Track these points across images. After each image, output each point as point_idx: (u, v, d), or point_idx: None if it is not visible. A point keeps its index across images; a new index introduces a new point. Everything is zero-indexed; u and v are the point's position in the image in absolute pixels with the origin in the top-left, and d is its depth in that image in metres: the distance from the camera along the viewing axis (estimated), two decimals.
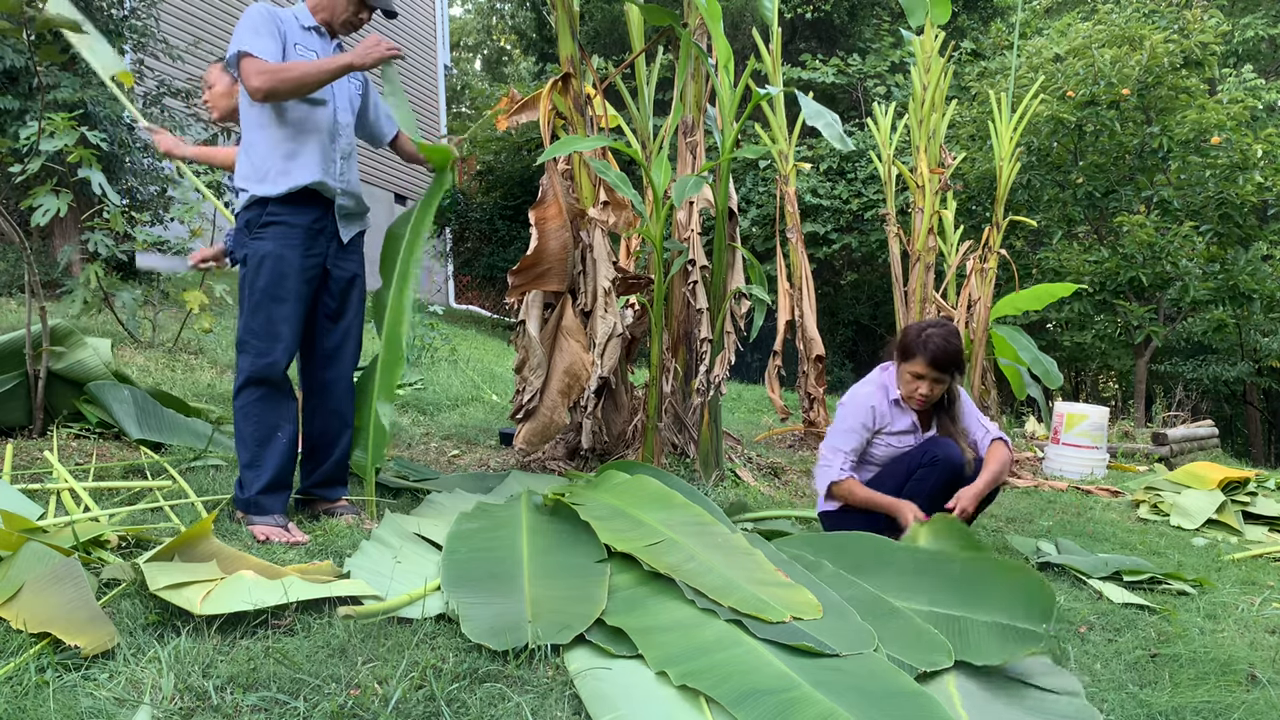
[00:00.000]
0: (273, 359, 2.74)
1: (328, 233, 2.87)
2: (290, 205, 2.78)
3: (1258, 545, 3.98)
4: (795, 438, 6.23)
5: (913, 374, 3.00)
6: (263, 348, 2.74)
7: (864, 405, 3.05)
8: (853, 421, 3.05)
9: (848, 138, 3.83)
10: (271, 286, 2.74)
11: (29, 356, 3.45)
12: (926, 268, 6.11)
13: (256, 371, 2.74)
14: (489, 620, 2.06)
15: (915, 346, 2.98)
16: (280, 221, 2.76)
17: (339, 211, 2.89)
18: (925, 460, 2.99)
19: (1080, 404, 6.20)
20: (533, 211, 3.85)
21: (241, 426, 2.77)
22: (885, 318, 12.60)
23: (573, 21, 3.97)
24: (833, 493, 3.03)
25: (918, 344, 2.98)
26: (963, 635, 2.13)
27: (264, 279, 2.74)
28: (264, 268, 2.74)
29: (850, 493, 3.00)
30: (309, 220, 2.81)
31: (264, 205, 2.76)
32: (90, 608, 1.87)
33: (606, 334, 3.85)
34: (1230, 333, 10.51)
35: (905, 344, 3.03)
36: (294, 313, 2.77)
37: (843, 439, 3.05)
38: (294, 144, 2.78)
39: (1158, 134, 9.69)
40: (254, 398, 2.75)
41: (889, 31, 13.89)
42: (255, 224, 2.77)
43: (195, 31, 9.94)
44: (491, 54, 27.84)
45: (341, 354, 2.97)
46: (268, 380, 2.74)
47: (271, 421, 2.77)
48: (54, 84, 6.23)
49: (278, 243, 2.75)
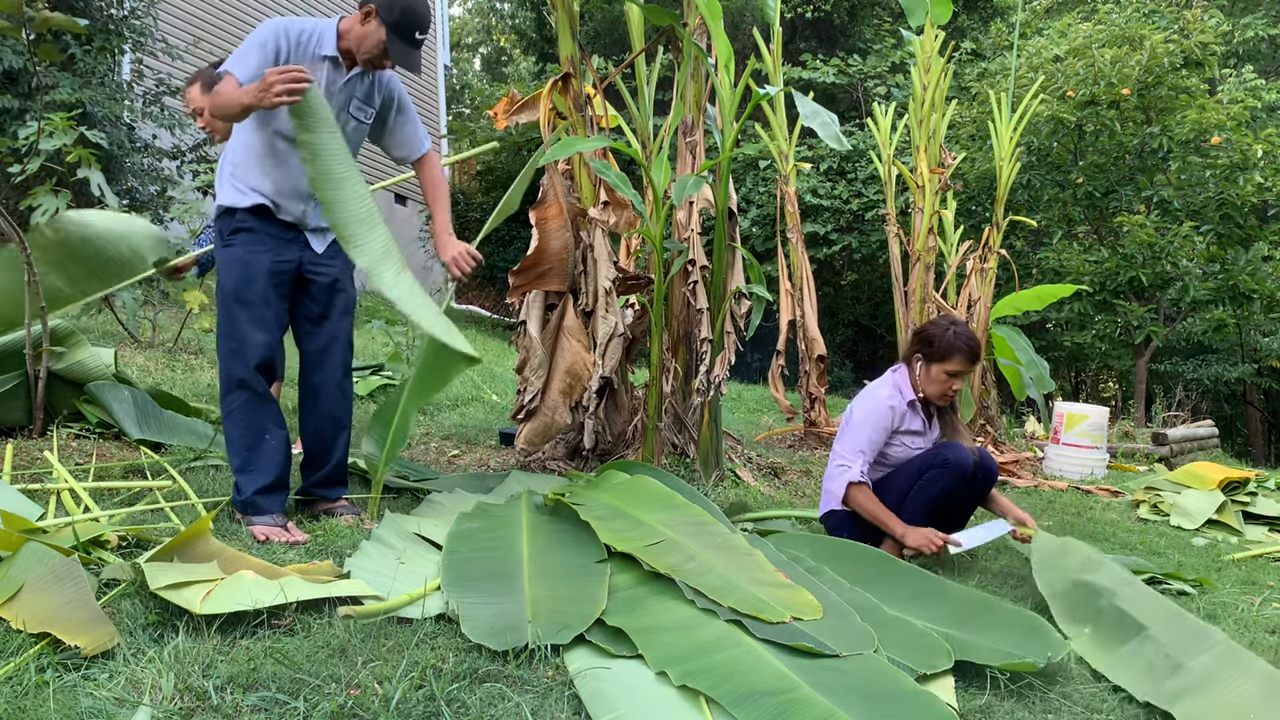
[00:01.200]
0: (245, 363, 2.73)
1: (299, 242, 2.86)
2: (258, 216, 2.77)
3: (1258, 545, 3.98)
4: (795, 438, 6.23)
5: (949, 373, 3.05)
6: (235, 350, 2.73)
7: (883, 407, 3.06)
8: (873, 423, 3.05)
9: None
10: (239, 291, 2.73)
11: (29, 357, 3.44)
12: (926, 268, 6.11)
13: (233, 375, 2.73)
14: (489, 620, 2.06)
15: (950, 347, 3.02)
16: (248, 229, 2.75)
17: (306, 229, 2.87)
18: (936, 462, 3.03)
19: (1080, 404, 6.20)
20: (533, 211, 3.85)
21: (230, 431, 2.77)
22: (885, 318, 12.60)
23: (573, 21, 3.96)
24: (850, 494, 3.00)
25: (953, 344, 3.02)
26: (962, 649, 2.12)
27: (231, 284, 2.74)
28: (232, 273, 2.74)
29: (864, 497, 2.98)
30: (278, 230, 2.80)
31: (233, 214, 2.76)
32: (90, 608, 1.87)
33: (608, 334, 3.85)
34: (1230, 333, 10.51)
35: (938, 346, 3.05)
36: (263, 317, 2.74)
37: (863, 440, 3.04)
38: (272, 162, 2.76)
39: (1158, 134, 9.69)
40: (237, 403, 2.74)
41: (889, 32, 13.89)
42: (226, 231, 2.78)
43: (194, 30, 9.94)
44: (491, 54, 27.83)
45: (328, 357, 2.94)
46: (246, 384, 2.74)
47: (258, 425, 2.75)
48: (52, 84, 6.23)
49: (246, 249, 2.74)
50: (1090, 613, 2.45)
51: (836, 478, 3.04)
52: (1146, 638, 2.26)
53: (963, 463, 3.01)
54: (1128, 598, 2.46)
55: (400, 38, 2.68)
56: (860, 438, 3.04)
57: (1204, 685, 2.03)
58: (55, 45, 3.55)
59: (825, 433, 6.05)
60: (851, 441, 3.05)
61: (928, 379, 3.10)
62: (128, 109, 7.30)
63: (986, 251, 6.26)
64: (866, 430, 3.05)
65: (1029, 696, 2.03)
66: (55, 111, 4.45)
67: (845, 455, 3.05)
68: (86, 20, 6.56)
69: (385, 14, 2.66)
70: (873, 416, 3.06)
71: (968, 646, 2.13)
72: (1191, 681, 2.06)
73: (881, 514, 2.94)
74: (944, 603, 2.41)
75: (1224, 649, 2.17)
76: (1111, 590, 2.50)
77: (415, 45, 2.72)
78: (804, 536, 3.05)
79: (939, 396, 3.10)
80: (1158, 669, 2.14)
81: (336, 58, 2.77)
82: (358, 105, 2.88)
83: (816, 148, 12.03)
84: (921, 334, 3.15)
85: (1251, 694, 1.97)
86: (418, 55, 2.75)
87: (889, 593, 2.45)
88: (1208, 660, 2.12)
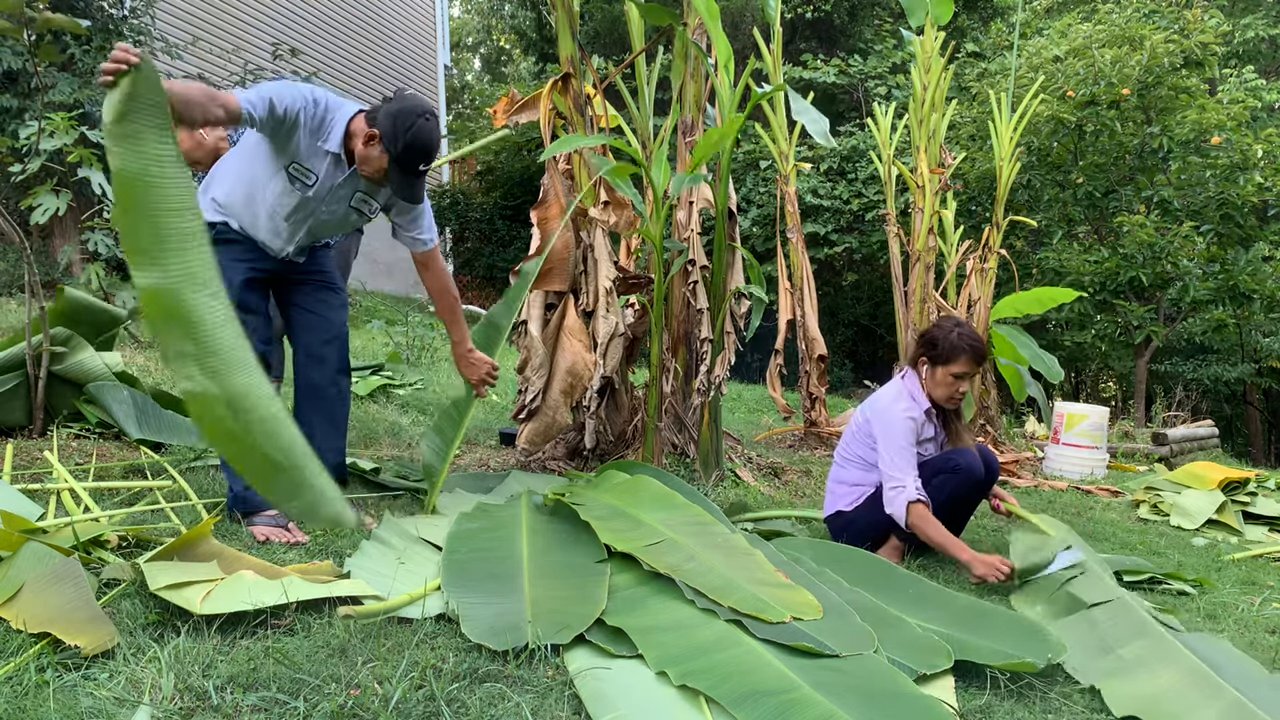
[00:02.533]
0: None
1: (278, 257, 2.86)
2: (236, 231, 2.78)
3: (1258, 545, 3.98)
4: (795, 438, 6.23)
5: (955, 375, 3.04)
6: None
7: (906, 421, 3.02)
8: (904, 439, 2.99)
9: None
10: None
11: (29, 357, 3.44)
12: (926, 268, 6.11)
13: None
14: (489, 620, 2.06)
15: (955, 349, 3.01)
16: (228, 239, 2.74)
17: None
18: (948, 468, 3.03)
19: (1080, 404, 6.20)
20: (534, 211, 3.85)
21: None
22: (885, 318, 12.60)
23: (573, 21, 3.96)
24: (912, 514, 2.91)
25: (958, 346, 3.01)
26: (962, 650, 2.12)
27: None
28: None
29: (927, 520, 2.89)
30: (255, 244, 2.81)
31: (213, 226, 2.74)
32: (90, 608, 1.87)
33: (609, 333, 3.84)
34: (1230, 333, 10.51)
35: (943, 348, 3.03)
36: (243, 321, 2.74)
37: (905, 458, 2.98)
38: (257, 192, 2.73)
39: (1158, 134, 9.69)
40: None
41: (890, 32, 13.89)
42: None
43: (194, 30, 9.94)
44: (491, 54, 27.82)
45: (324, 356, 2.94)
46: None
47: None
48: (52, 84, 6.23)
49: (223, 257, 2.72)
50: (1045, 595, 2.67)
51: (894, 500, 2.94)
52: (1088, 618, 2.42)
53: (973, 469, 3.03)
54: (1080, 583, 2.64)
55: (402, 170, 2.57)
56: (902, 457, 2.97)
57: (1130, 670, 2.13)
58: (55, 46, 3.54)
59: (825, 433, 6.05)
60: (894, 459, 2.97)
61: (934, 382, 3.08)
62: None
63: (986, 251, 6.26)
64: (901, 446, 2.98)
65: (1029, 696, 2.03)
66: (55, 111, 4.46)
67: (894, 475, 2.96)
68: (88, 21, 6.57)
69: (389, 145, 2.53)
70: (900, 433, 3.00)
71: (967, 647, 2.13)
72: (1121, 665, 2.16)
73: (945, 539, 2.85)
74: (944, 607, 2.41)
75: (1157, 640, 2.24)
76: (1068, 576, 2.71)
77: (418, 176, 2.61)
78: (805, 540, 3.05)
79: (946, 399, 3.09)
80: (1090, 648, 2.27)
81: (340, 155, 2.67)
82: (360, 198, 2.80)
83: (817, 148, 12.03)
84: (926, 337, 3.13)
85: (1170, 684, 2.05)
86: (420, 186, 2.63)
87: (889, 596, 2.46)
88: (1140, 647, 2.22)
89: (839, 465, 3.28)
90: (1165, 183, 9.99)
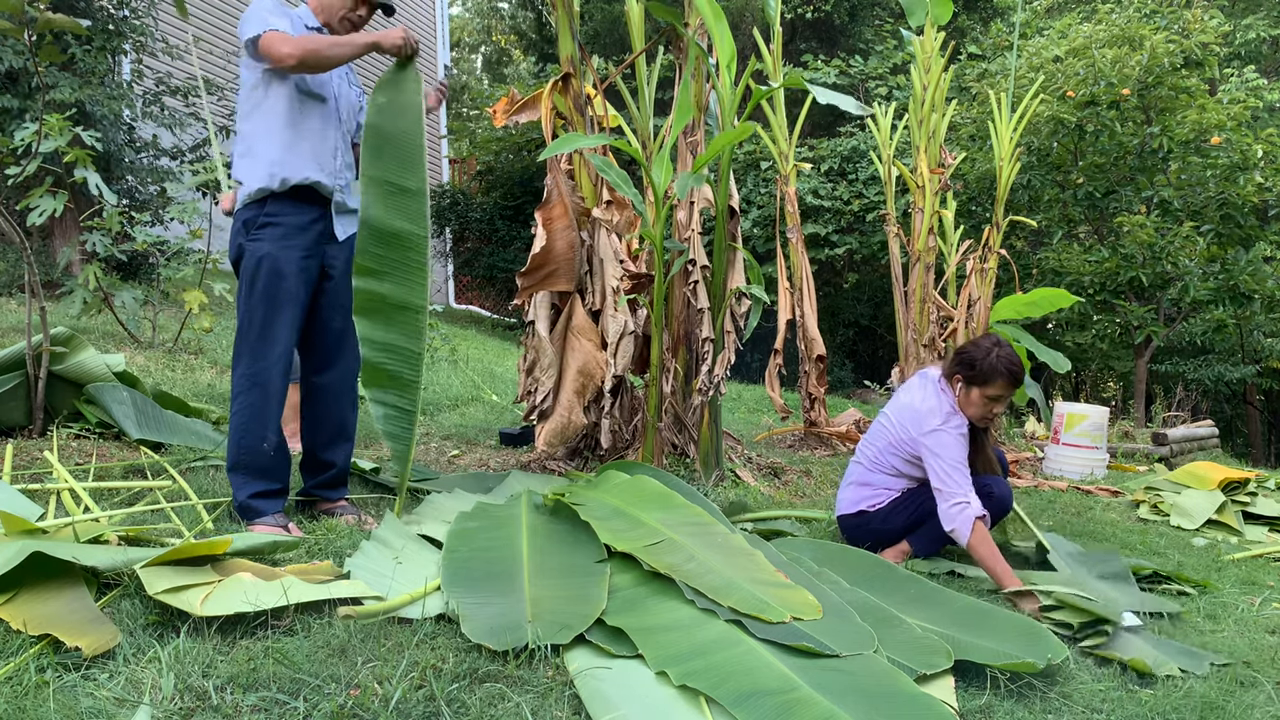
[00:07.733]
0: (268, 363, 2.70)
1: (325, 232, 2.85)
2: (288, 203, 2.75)
3: (1258, 545, 3.98)
4: (795, 438, 6.23)
5: (991, 397, 3.01)
6: (259, 350, 2.71)
7: (960, 438, 2.99)
8: (958, 454, 2.96)
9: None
10: (268, 289, 2.71)
11: (29, 357, 3.44)
12: (926, 268, 6.11)
13: (251, 375, 2.71)
14: (489, 620, 2.06)
15: (993, 370, 2.98)
16: (277, 223, 2.73)
17: (336, 209, 2.86)
18: (983, 492, 3.00)
19: (1080, 404, 6.20)
20: (539, 212, 3.85)
21: (233, 428, 2.73)
22: (886, 318, 12.60)
23: (573, 21, 3.96)
24: (976, 531, 2.83)
25: (995, 369, 2.97)
26: (962, 650, 2.12)
27: (261, 281, 2.71)
28: (261, 269, 2.71)
29: (987, 542, 2.81)
30: (306, 220, 2.78)
31: (261, 205, 2.73)
32: (90, 609, 1.87)
33: (618, 332, 3.84)
34: (1231, 333, 10.51)
35: (980, 369, 2.99)
36: (290, 316, 2.73)
37: (961, 474, 2.93)
38: (291, 133, 2.74)
39: (1158, 134, 9.69)
40: (247, 401, 2.71)
41: (890, 32, 13.88)
42: (253, 225, 2.74)
43: (194, 30, 9.94)
44: (491, 54, 27.82)
45: (337, 357, 2.94)
46: (264, 385, 2.71)
47: (259, 430, 2.71)
48: (52, 84, 6.23)
49: (275, 244, 2.72)
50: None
51: (957, 516, 2.86)
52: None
53: (1005, 500, 3.06)
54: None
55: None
56: (960, 473, 2.93)
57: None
58: (56, 46, 3.54)
59: (825, 433, 6.05)
60: (954, 475, 2.92)
61: (968, 401, 3.05)
62: (127, 108, 7.30)
63: (986, 251, 6.26)
64: (959, 462, 2.94)
65: (1029, 696, 2.03)
66: (55, 111, 4.45)
67: (954, 492, 2.89)
68: (88, 21, 6.57)
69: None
70: (957, 450, 2.96)
71: (967, 647, 2.13)
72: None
73: (1000, 565, 2.77)
74: (944, 607, 2.41)
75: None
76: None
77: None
78: (805, 540, 3.05)
79: (979, 419, 3.07)
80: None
81: (320, 29, 2.85)
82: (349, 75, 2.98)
83: (817, 148, 12.03)
84: (963, 355, 3.07)
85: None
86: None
87: (889, 596, 2.46)
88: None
89: (867, 469, 3.23)
90: (1165, 183, 9.99)
